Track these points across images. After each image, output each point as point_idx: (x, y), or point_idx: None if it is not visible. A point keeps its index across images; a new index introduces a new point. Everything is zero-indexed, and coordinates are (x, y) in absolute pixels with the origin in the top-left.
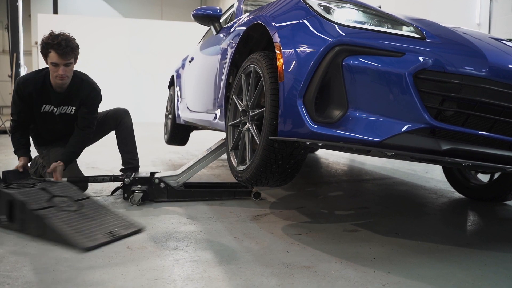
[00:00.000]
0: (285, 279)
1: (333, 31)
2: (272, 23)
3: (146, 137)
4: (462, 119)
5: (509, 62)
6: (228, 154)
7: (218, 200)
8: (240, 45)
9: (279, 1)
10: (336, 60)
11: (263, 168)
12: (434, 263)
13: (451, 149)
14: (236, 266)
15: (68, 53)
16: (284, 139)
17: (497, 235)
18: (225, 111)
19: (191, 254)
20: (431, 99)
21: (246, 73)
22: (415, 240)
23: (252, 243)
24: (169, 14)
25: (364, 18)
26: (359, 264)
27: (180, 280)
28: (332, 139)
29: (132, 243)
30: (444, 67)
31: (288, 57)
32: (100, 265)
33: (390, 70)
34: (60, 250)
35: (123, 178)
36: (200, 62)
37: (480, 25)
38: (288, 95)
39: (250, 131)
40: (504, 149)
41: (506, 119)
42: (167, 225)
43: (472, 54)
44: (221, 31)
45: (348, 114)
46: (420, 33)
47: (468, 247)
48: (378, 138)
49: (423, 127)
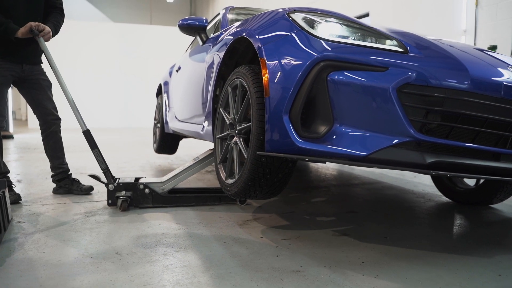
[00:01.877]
0: (275, 283)
1: (317, 46)
2: (257, 38)
3: (135, 142)
4: (446, 131)
5: (490, 74)
6: (217, 167)
7: (203, 206)
8: (226, 58)
9: (264, 15)
10: (321, 75)
11: (251, 183)
12: (422, 266)
13: (435, 161)
14: (226, 271)
15: None
16: (271, 155)
17: (483, 238)
18: (212, 123)
19: (181, 259)
20: (415, 112)
21: (232, 87)
22: (403, 244)
23: (241, 248)
24: (158, 19)
25: (347, 33)
26: (348, 268)
27: (169, 286)
28: (318, 154)
29: (121, 249)
30: (427, 81)
31: (273, 72)
32: (89, 271)
33: (374, 85)
34: (49, 256)
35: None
36: (187, 72)
37: (466, 31)
38: (274, 111)
39: (238, 145)
40: (487, 160)
41: (488, 130)
42: (156, 231)
43: (454, 67)
44: (208, 41)
45: (334, 129)
46: (403, 47)
47: (455, 250)
48: (363, 153)
49: (408, 140)
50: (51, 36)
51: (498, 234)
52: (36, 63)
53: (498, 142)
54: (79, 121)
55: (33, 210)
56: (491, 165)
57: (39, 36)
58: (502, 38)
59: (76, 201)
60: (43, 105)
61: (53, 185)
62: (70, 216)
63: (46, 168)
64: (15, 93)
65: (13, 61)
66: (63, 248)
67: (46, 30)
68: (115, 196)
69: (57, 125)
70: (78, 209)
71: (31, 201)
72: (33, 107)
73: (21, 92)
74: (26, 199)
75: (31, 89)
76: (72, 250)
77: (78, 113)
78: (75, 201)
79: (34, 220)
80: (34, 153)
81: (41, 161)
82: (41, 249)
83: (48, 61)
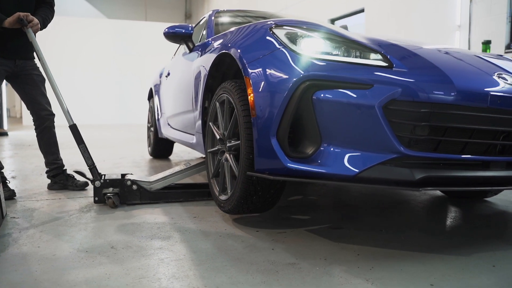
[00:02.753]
0: (270, 275)
1: (301, 65)
2: (241, 55)
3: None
4: (434, 144)
5: (476, 84)
6: (210, 182)
7: (192, 201)
8: (212, 70)
9: (248, 29)
10: (306, 94)
11: (244, 200)
12: (416, 258)
13: (425, 177)
14: (221, 264)
15: None
16: (260, 176)
17: (478, 230)
18: (203, 136)
19: (176, 253)
20: (402, 128)
21: (220, 102)
22: (399, 237)
23: (236, 241)
24: (153, 15)
25: (331, 48)
26: (343, 260)
27: (165, 279)
28: (307, 174)
29: (116, 243)
30: (413, 96)
31: (258, 93)
32: (84, 265)
33: (360, 102)
34: (44, 250)
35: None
36: (176, 80)
37: (460, 27)
38: (261, 132)
39: (229, 162)
40: (477, 170)
41: (476, 141)
42: (152, 225)
43: (440, 79)
44: (194, 49)
45: (322, 149)
46: (388, 61)
47: (450, 242)
48: (352, 173)
49: (396, 156)
50: (39, 28)
51: (492, 226)
52: (29, 58)
53: (487, 150)
54: (66, 115)
55: (28, 206)
56: (481, 175)
57: (28, 27)
58: (497, 33)
59: (71, 196)
60: (36, 101)
61: (48, 181)
62: (65, 212)
63: (40, 165)
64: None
65: (5, 57)
66: (58, 243)
67: (35, 21)
68: (101, 193)
69: (51, 121)
70: (73, 204)
71: (26, 197)
72: (27, 102)
73: (14, 87)
74: (20, 195)
75: (25, 85)
76: (67, 245)
77: (65, 107)
78: (70, 196)
79: (29, 215)
80: (29, 149)
81: (35, 157)
82: (35, 244)
83: (36, 52)
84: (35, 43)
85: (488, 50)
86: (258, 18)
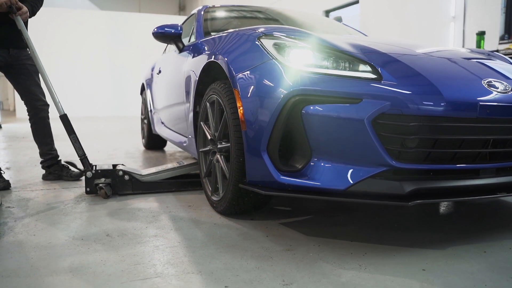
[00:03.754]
0: (264, 261)
1: (290, 79)
2: (229, 66)
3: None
4: (424, 156)
5: (465, 93)
6: (202, 181)
7: (185, 191)
8: (202, 76)
9: (236, 38)
10: (296, 109)
11: (236, 202)
12: (409, 244)
13: (414, 189)
14: (216, 250)
15: None
16: (252, 190)
17: (468, 217)
18: (195, 136)
19: (171, 240)
20: (391, 141)
21: (210, 102)
22: (392, 224)
23: (231, 229)
24: (147, 7)
25: (320, 60)
26: (337, 247)
27: (160, 265)
28: (297, 189)
29: (111, 231)
30: (402, 110)
31: (248, 107)
32: (80, 252)
33: (349, 117)
34: (40, 238)
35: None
36: (167, 81)
37: (455, 18)
38: (252, 146)
39: (220, 163)
40: (467, 178)
41: (466, 150)
42: (147, 214)
43: (428, 91)
44: (184, 49)
45: (312, 163)
46: (377, 72)
47: (441, 229)
48: (342, 187)
49: (385, 170)
50: (28, 16)
51: (482, 214)
52: (22, 47)
53: (476, 158)
54: (57, 106)
55: (23, 196)
56: (471, 183)
57: (16, 15)
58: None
59: (66, 186)
60: (30, 91)
61: (43, 171)
62: (60, 201)
63: (35, 156)
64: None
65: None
66: (53, 231)
67: (24, 9)
68: (93, 183)
69: (45, 111)
70: (68, 194)
71: (21, 187)
72: (21, 93)
73: (8, 77)
74: (15, 186)
75: (19, 75)
76: (63, 233)
77: (56, 97)
78: (65, 186)
79: (24, 205)
80: (23, 141)
81: (30, 149)
82: (31, 232)
83: (25, 40)
84: (24, 31)
85: (482, 41)
86: (251, 12)
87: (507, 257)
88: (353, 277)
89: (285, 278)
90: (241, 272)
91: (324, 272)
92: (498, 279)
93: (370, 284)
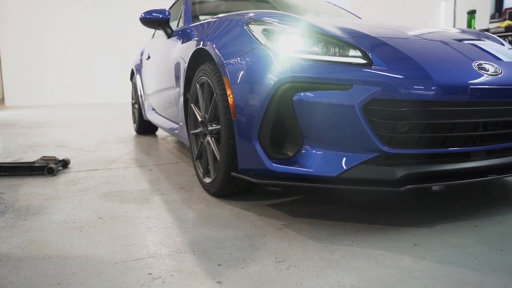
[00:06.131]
0: (257, 240)
1: (280, 66)
2: (218, 53)
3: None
4: (415, 141)
5: (456, 77)
6: (194, 164)
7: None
8: (191, 62)
9: (225, 24)
10: (286, 96)
11: (227, 184)
12: (401, 221)
13: (406, 174)
14: (209, 230)
15: None
16: (245, 178)
17: (459, 193)
18: (185, 118)
19: (164, 221)
20: (382, 126)
21: (200, 83)
22: (384, 202)
23: (224, 209)
24: None
25: (310, 45)
26: (329, 225)
27: (153, 245)
28: (289, 176)
29: (103, 214)
30: (392, 95)
31: (238, 95)
32: (72, 235)
33: (340, 103)
34: (31, 223)
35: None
36: (156, 67)
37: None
38: (243, 135)
39: (211, 145)
40: (458, 162)
41: (457, 134)
42: (139, 196)
43: (419, 75)
44: (173, 34)
45: (303, 150)
46: (367, 58)
47: (432, 205)
48: (334, 174)
49: (377, 155)
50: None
51: (473, 190)
52: None
53: (467, 141)
54: None
55: (13, 182)
56: (462, 166)
57: None
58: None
59: None
60: None
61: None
62: (51, 186)
63: (25, 143)
64: None
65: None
66: (45, 215)
67: None
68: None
69: None
70: (58, 179)
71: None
72: None
73: None
74: None
75: None
76: (55, 217)
77: None
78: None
79: (14, 190)
80: (13, 129)
81: (19, 136)
82: (22, 217)
83: None
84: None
85: (473, 20)
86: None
87: (497, 230)
88: (346, 253)
89: (278, 255)
90: (234, 250)
91: (316, 249)
92: (488, 252)
93: (362, 260)
